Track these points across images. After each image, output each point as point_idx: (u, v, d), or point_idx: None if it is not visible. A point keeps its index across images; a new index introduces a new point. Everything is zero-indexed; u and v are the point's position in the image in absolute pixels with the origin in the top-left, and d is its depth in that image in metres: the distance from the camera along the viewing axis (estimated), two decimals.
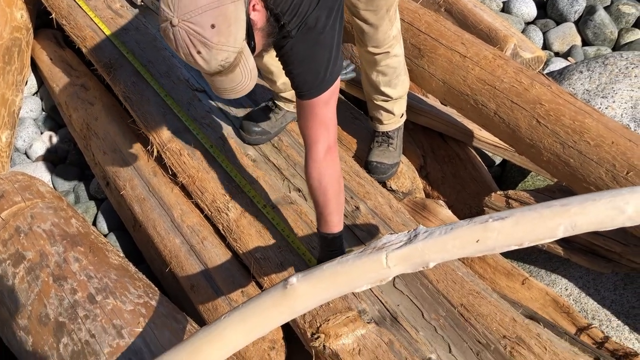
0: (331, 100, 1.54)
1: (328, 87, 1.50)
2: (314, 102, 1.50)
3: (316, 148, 1.54)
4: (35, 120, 3.13)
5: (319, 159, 1.54)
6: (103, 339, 1.56)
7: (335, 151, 1.57)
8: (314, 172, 1.56)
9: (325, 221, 1.64)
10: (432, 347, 1.59)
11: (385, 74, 2.08)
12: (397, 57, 2.06)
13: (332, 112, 1.55)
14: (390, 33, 1.97)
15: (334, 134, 1.56)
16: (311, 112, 1.52)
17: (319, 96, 1.50)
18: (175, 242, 2.02)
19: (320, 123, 1.52)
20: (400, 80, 2.14)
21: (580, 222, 1.09)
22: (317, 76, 1.48)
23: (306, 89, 1.49)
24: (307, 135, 1.55)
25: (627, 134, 1.88)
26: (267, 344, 1.73)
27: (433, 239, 1.15)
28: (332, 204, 1.60)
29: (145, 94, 2.39)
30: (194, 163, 2.13)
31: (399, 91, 2.15)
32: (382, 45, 1.98)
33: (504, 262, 2.02)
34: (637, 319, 1.99)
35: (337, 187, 1.60)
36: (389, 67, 2.06)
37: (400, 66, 2.11)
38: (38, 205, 2.02)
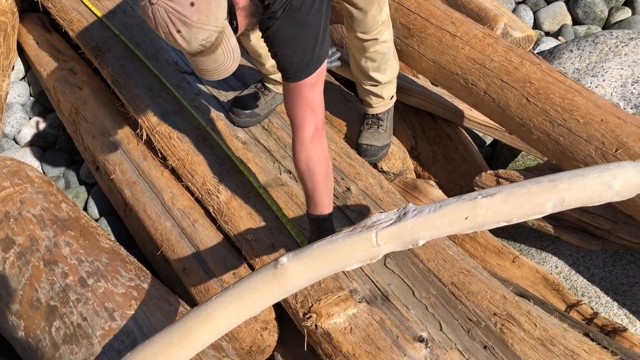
0: (318, 82, 1.53)
1: (314, 69, 1.49)
2: (300, 85, 1.49)
3: (303, 131, 1.53)
4: (23, 106, 3.10)
5: (306, 141, 1.54)
6: (95, 321, 1.56)
7: (322, 133, 1.56)
8: (301, 155, 1.56)
9: (315, 203, 1.64)
10: (423, 325, 1.60)
11: (374, 60, 2.06)
12: (386, 43, 2.05)
13: (319, 94, 1.54)
14: (379, 18, 1.95)
15: (321, 116, 1.55)
16: (298, 95, 1.51)
17: (306, 79, 1.49)
18: (166, 225, 2.02)
19: (307, 105, 1.52)
20: (390, 65, 2.12)
21: (568, 198, 1.09)
22: (303, 58, 1.47)
23: (292, 71, 1.48)
24: (294, 118, 1.54)
25: (616, 112, 1.89)
26: (260, 324, 1.73)
27: (422, 216, 1.15)
28: (321, 186, 1.60)
29: (134, 77, 2.37)
30: (184, 146, 2.12)
31: (388, 76, 2.14)
32: (371, 31, 1.96)
33: (495, 241, 2.04)
34: (626, 295, 2.02)
35: (326, 169, 1.59)
36: (378, 53, 2.04)
37: (390, 52, 2.09)
38: (27, 190, 2.01)
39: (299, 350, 1.77)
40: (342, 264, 1.21)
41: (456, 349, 1.55)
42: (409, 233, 1.16)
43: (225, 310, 1.23)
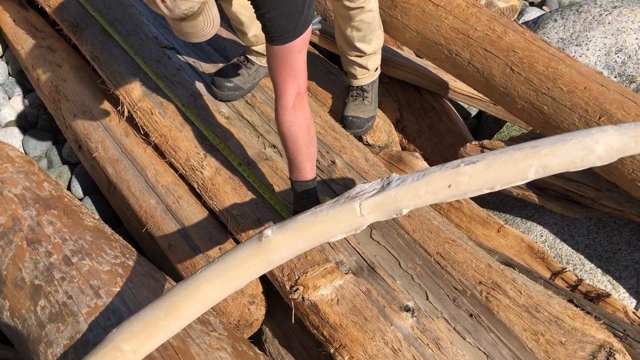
0: (304, 47, 1.51)
1: (302, 31, 1.47)
2: (286, 49, 1.47)
3: (286, 96, 1.53)
4: (2, 85, 3.05)
5: (289, 106, 1.54)
6: (80, 299, 1.55)
7: (304, 98, 1.56)
8: (284, 119, 1.56)
9: (297, 168, 1.64)
10: (409, 295, 1.61)
11: (360, 29, 2.03)
12: (372, 12, 2.02)
13: (303, 59, 1.53)
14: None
15: (304, 81, 1.54)
16: (283, 59, 1.49)
17: (293, 41, 1.46)
18: (151, 202, 2.00)
19: (291, 70, 1.50)
20: (375, 35, 2.10)
21: (551, 163, 1.09)
22: (290, 20, 1.44)
23: (279, 33, 1.45)
24: (277, 83, 1.53)
25: (599, 79, 1.89)
26: (247, 298, 1.74)
27: (405, 185, 1.15)
28: (303, 150, 1.60)
29: (114, 53, 2.33)
30: (166, 122, 2.10)
31: (373, 46, 2.12)
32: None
33: (480, 211, 2.04)
34: (610, 262, 2.04)
35: (308, 135, 1.59)
36: (364, 22, 2.02)
37: (375, 21, 2.07)
38: (8, 169, 1.98)
39: (286, 324, 1.78)
40: (327, 235, 1.21)
41: (442, 318, 1.56)
42: (392, 202, 1.15)
43: (210, 283, 1.22)
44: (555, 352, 1.49)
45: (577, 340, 1.52)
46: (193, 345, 1.42)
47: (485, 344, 1.51)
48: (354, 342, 1.50)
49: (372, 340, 1.50)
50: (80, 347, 1.45)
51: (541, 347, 1.51)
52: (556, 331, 1.53)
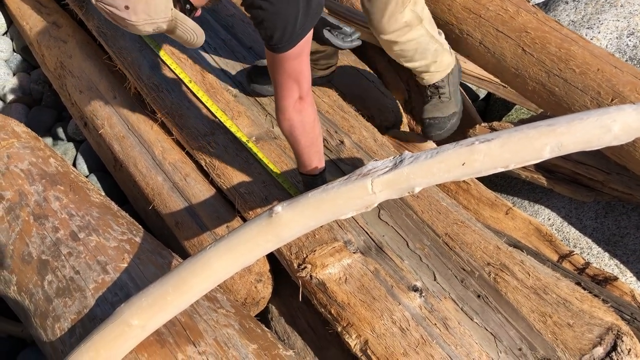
0: (302, 53, 1.45)
1: (297, 41, 1.41)
2: (283, 57, 1.42)
3: (284, 101, 1.49)
4: (7, 62, 3.02)
5: (288, 111, 1.50)
6: (88, 275, 1.55)
7: (307, 101, 1.51)
8: (283, 123, 1.53)
9: (303, 164, 1.64)
10: (417, 275, 1.60)
11: (403, 55, 1.88)
12: (412, 41, 1.83)
13: (304, 64, 1.47)
14: (400, 18, 1.74)
15: (306, 85, 1.49)
16: (280, 66, 1.45)
17: (288, 51, 1.41)
18: (158, 180, 1.99)
19: (289, 77, 1.45)
20: (429, 51, 1.89)
21: (566, 142, 1.08)
22: (284, 32, 1.38)
23: (273, 42, 1.40)
24: (276, 87, 1.49)
25: (612, 61, 1.87)
26: (254, 276, 1.73)
27: (419, 163, 1.14)
28: (307, 150, 1.58)
29: (120, 29, 2.30)
30: (173, 99, 2.08)
31: (427, 60, 1.92)
32: (387, 32, 1.78)
33: (488, 193, 2.03)
34: (617, 246, 2.03)
35: (310, 135, 1.56)
36: (404, 51, 1.85)
37: (421, 45, 1.86)
38: (14, 145, 1.97)
39: (293, 302, 1.78)
40: (337, 212, 1.20)
41: (450, 298, 1.56)
42: (405, 180, 1.14)
43: (219, 259, 1.22)
44: (562, 333, 1.49)
45: (585, 323, 1.51)
46: (201, 321, 1.42)
47: (493, 325, 1.51)
48: (361, 320, 1.50)
49: (380, 319, 1.50)
50: (87, 322, 1.45)
51: (549, 328, 1.50)
52: (564, 313, 1.53)
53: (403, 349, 1.45)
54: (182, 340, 1.36)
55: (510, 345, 1.48)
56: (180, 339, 1.36)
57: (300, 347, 1.73)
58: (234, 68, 2.18)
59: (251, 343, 1.40)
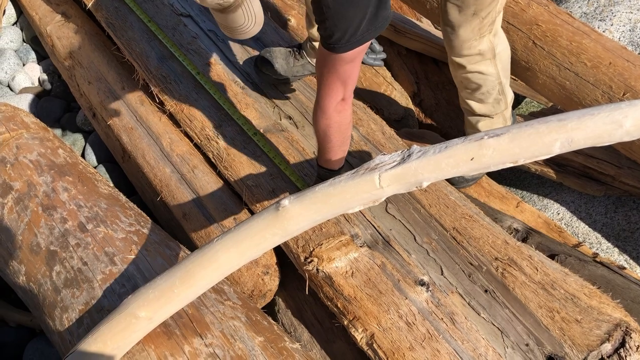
0: (356, 58, 1.41)
1: (354, 47, 1.37)
2: (336, 58, 1.38)
3: (328, 100, 1.45)
4: (17, 52, 3.03)
5: (329, 110, 1.47)
6: (95, 266, 1.55)
7: (348, 103, 1.48)
8: (321, 121, 1.49)
9: (326, 159, 1.62)
10: (424, 269, 1.59)
11: (467, 87, 1.85)
12: (482, 75, 1.80)
13: (355, 69, 1.43)
14: (476, 45, 1.72)
15: (351, 88, 1.46)
16: (331, 66, 1.40)
17: (343, 54, 1.37)
18: (166, 171, 2.00)
19: (338, 78, 1.42)
20: (491, 99, 1.86)
21: (577, 138, 1.06)
22: (345, 32, 1.34)
23: (331, 41, 1.36)
24: (322, 86, 1.45)
25: (625, 54, 1.84)
26: (261, 269, 1.73)
27: (427, 157, 1.13)
28: (335, 149, 1.57)
29: (129, 20, 2.30)
30: (182, 90, 2.07)
31: (487, 108, 1.89)
32: (460, 54, 1.75)
33: (498, 187, 2.02)
34: (627, 241, 2.02)
35: (344, 135, 1.54)
36: (470, 81, 1.82)
37: (488, 85, 1.83)
38: (23, 135, 1.97)
39: (300, 295, 1.78)
40: (344, 206, 1.19)
41: (457, 293, 1.55)
42: (412, 175, 1.13)
43: (226, 252, 1.22)
44: (570, 329, 1.48)
45: (593, 319, 1.50)
46: (208, 313, 1.42)
47: (500, 320, 1.50)
48: (368, 314, 1.50)
49: (387, 313, 1.49)
50: (95, 312, 1.46)
51: (556, 324, 1.50)
52: (572, 309, 1.52)
53: (409, 343, 1.45)
54: (189, 332, 1.36)
55: (518, 341, 1.47)
56: (187, 331, 1.36)
57: (307, 340, 1.73)
58: (241, 60, 2.17)
59: (258, 335, 1.41)
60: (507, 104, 1.91)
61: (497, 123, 1.95)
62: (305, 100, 2.05)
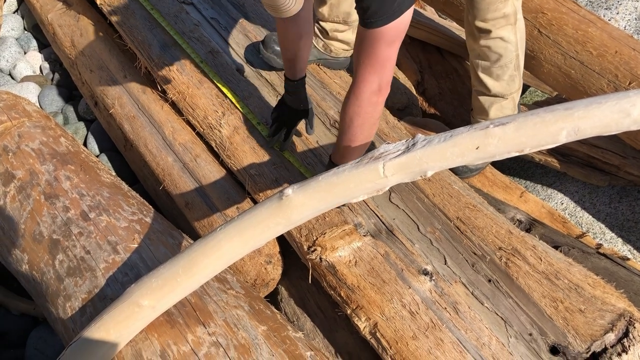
0: (396, 40, 1.36)
1: (393, 18, 1.31)
2: (375, 36, 1.33)
3: (364, 86, 1.40)
4: (18, 40, 3.02)
5: (363, 98, 1.42)
6: (98, 255, 1.55)
7: (384, 94, 1.43)
8: (350, 108, 1.44)
9: (342, 155, 1.57)
10: (427, 259, 1.59)
11: (485, 57, 1.81)
12: (504, 42, 1.77)
13: (394, 53, 1.39)
14: (501, 8, 1.70)
15: (389, 74, 1.41)
16: (369, 47, 1.36)
17: (382, 28, 1.31)
18: (168, 160, 1.99)
19: (375, 61, 1.37)
20: (507, 73, 1.83)
21: (584, 127, 1.05)
22: (382, 3, 1.29)
23: (367, 15, 1.31)
24: (359, 69, 1.40)
25: (631, 43, 1.82)
26: (264, 258, 1.73)
27: (432, 146, 1.12)
28: (356, 146, 1.52)
29: (131, 7, 2.29)
30: (184, 79, 2.06)
31: (501, 86, 1.86)
32: (486, 17, 1.72)
33: (502, 176, 2.01)
34: (631, 232, 2.01)
35: (368, 133, 1.50)
36: (491, 50, 1.79)
37: (507, 56, 1.80)
38: (25, 124, 1.97)
39: (303, 284, 1.78)
40: (348, 196, 1.18)
41: (460, 282, 1.55)
42: (417, 164, 1.12)
43: (230, 241, 1.21)
44: (574, 319, 1.48)
45: (597, 309, 1.50)
46: (211, 302, 1.42)
47: (503, 310, 1.50)
48: (371, 303, 1.50)
49: (390, 302, 1.49)
50: (98, 301, 1.46)
51: (560, 314, 1.49)
52: (576, 299, 1.52)
53: (412, 332, 1.45)
54: (192, 321, 1.36)
55: (521, 330, 1.47)
56: (190, 320, 1.36)
57: (310, 329, 1.73)
58: (244, 47, 2.16)
59: (261, 324, 1.41)
60: (519, 84, 1.88)
61: (507, 107, 1.92)
62: (308, 90, 2.04)
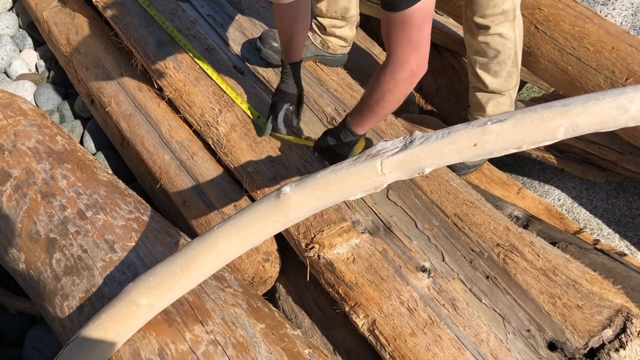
0: (425, 24, 1.32)
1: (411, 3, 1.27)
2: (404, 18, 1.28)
3: (401, 67, 1.36)
4: (13, 38, 3.00)
5: (401, 77, 1.38)
6: (95, 253, 1.55)
7: (422, 72, 1.39)
8: (385, 86, 1.42)
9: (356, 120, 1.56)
10: (425, 255, 1.59)
11: (484, 54, 1.80)
12: (502, 39, 1.77)
13: (427, 32, 1.35)
14: (500, 4, 1.69)
15: (426, 53, 1.38)
16: (400, 30, 1.31)
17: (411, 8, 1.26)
18: (165, 158, 1.98)
19: (408, 42, 1.33)
20: (504, 70, 1.83)
21: (581, 123, 1.05)
22: None
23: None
24: (396, 52, 1.35)
25: (628, 39, 1.82)
26: (262, 255, 1.73)
27: (429, 143, 1.12)
28: (379, 117, 1.53)
29: (127, 5, 2.28)
30: (180, 76, 2.05)
31: (499, 83, 1.85)
32: (485, 13, 1.72)
33: (499, 173, 2.01)
34: (628, 227, 2.01)
35: (394, 108, 1.50)
36: (489, 46, 1.78)
37: (505, 52, 1.80)
38: (21, 122, 1.96)
39: (300, 281, 1.78)
40: (346, 193, 1.18)
41: (458, 279, 1.55)
42: (415, 161, 1.12)
43: (227, 239, 1.21)
44: (572, 315, 1.48)
45: (595, 305, 1.50)
46: (208, 300, 1.41)
47: (501, 306, 1.50)
48: (369, 300, 1.50)
49: (388, 299, 1.49)
50: (96, 300, 1.45)
51: (558, 310, 1.49)
52: (573, 295, 1.52)
53: (411, 329, 1.45)
54: (189, 319, 1.36)
55: (519, 327, 1.47)
56: (188, 318, 1.36)
57: (308, 327, 1.73)
58: (240, 44, 2.15)
59: (259, 322, 1.40)
60: (517, 80, 1.88)
61: (504, 103, 1.92)
62: (305, 87, 2.04)
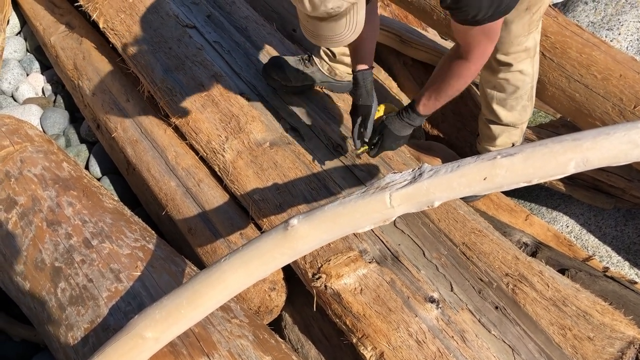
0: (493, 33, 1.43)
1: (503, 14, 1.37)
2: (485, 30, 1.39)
3: (483, 57, 1.46)
4: (20, 62, 3.02)
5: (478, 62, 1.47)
6: (101, 283, 1.53)
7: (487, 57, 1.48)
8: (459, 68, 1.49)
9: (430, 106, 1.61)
10: (434, 285, 1.57)
11: (502, 89, 1.83)
12: (523, 75, 1.79)
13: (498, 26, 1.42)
14: (523, 41, 1.72)
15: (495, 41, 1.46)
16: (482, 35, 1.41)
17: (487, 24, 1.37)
18: (171, 185, 1.98)
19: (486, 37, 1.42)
20: (520, 104, 1.85)
21: (592, 158, 1.04)
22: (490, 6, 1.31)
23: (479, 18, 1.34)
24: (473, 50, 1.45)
25: (636, 67, 1.82)
26: (268, 284, 1.71)
27: (438, 177, 1.11)
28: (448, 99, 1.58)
29: (132, 30, 2.29)
30: (187, 103, 2.06)
31: (513, 116, 1.88)
32: (508, 51, 1.74)
33: (507, 199, 2.00)
34: (638, 255, 1.99)
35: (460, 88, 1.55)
36: (509, 83, 1.80)
37: (524, 88, 1.83)
38: (27, 149, 1.96)
39: (307, 311, 1.76)
40: (354, 226, 1.17)
41: (467, 310, 1.53)
42: (424, 194, 1.12)
43: (234, 272, 1.20)
44: (583, 347, 1.46)
45: (606, 336, 1.48)
46: (214, 332, 1.40)
47: (511, 337, 1.48)
48: (377, 332, 1.48)
49: (396, 331, 1.47)
50: (101, 331, 1.44)
51: (568, 342, 1.47)
52: (584, 326, 1.50)
53: None
54: (195, 352, 1.34)
55: (529, 359, 1.45)
56: (194, 351, 1.34)
57: (314, 357, 1.71)
58: (247, 71, 2.16)
59: (265, 355, 1.39)
60: (530, 112, 1.92)
61: (515, 134, 1.95)
62: (311, 112, 2.04)
